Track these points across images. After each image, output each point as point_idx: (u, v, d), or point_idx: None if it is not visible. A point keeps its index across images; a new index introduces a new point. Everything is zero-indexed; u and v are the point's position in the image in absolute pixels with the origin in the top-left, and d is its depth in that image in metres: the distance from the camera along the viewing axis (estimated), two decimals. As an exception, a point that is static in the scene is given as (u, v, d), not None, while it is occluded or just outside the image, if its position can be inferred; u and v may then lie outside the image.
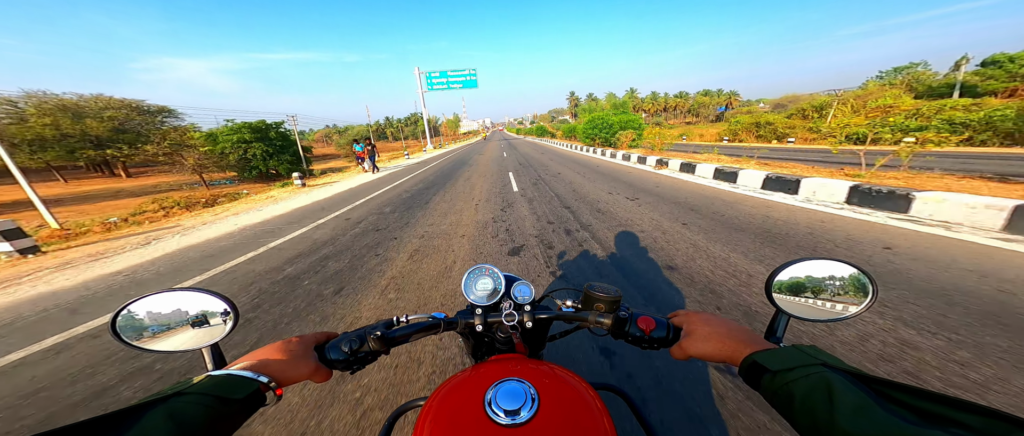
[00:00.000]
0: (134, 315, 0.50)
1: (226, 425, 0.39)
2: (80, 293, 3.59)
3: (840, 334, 1.90)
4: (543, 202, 6.08)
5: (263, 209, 8.11)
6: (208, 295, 0.53)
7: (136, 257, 4.86)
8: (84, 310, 3.14)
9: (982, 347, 1.72)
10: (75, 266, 4.60)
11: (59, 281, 4.04)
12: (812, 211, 4.34)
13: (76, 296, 3.51)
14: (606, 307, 0.66)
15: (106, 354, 2.29)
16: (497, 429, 0.46)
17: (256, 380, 0.44)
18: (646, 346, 0.61)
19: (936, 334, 1.85)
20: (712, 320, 0.55)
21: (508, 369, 0.57)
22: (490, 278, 0.73)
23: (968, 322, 1.92)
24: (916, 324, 1.94)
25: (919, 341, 1.80)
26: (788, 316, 0.55)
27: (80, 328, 2.75)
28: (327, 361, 0.56)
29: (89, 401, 1.87)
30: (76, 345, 2.49)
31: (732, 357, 0.48)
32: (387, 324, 0.63)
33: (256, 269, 3.79)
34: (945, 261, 2.68)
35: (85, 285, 3.83)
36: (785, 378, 0.38)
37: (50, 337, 2.63)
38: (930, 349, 1.74)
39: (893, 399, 0.31)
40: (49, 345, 2.51)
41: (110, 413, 0.32)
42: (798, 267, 0.55)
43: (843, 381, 0.34)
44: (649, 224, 4.28)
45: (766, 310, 2.17)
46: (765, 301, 2.16)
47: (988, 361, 1.63)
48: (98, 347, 2.41)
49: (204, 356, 0.51)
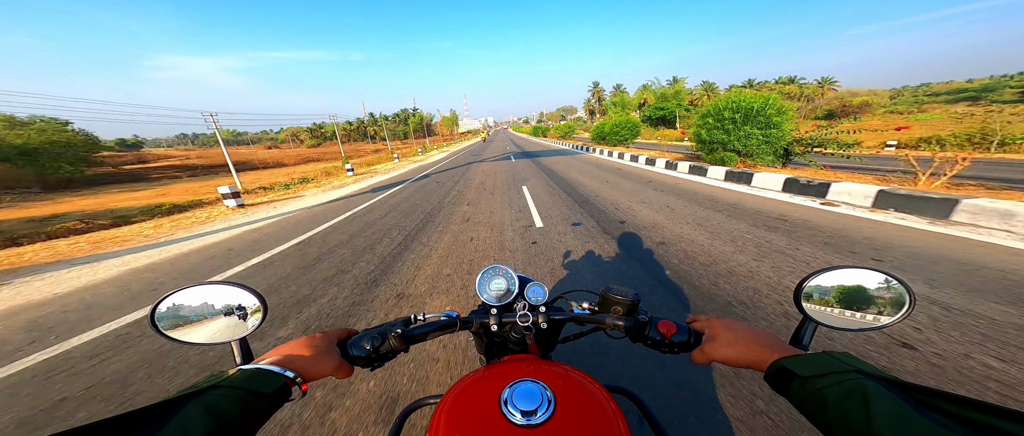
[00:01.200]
0: (170, 307, 0.52)
1: (256, 418, 0.40)
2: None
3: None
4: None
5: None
6: (239, 289, 0.55)
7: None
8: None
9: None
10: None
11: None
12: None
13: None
14: (624, 310, 0.65)
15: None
16: (513, 429, 0.46)
17: (283, 375, 0.45)
18: (666, 350, 0.60)
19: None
20: (735, 326, 0.54)
21: (523, 370, 0.57)
22: (504, 278, 0.73)
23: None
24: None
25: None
26: (816, 324, 0.53)
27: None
28: (349, 357, 0.57)
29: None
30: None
31: (758, 363, 0.47)
32: (405, 322, 0.64)
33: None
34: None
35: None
36: (817, 384, 0.37)
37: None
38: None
39: (933, 407, 0.30)
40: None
41: (149, 406, 0.32)
42: (829, 275, 0.53)
43: (880, 388, 0.33)
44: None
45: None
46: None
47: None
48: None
49: (233, 350, 0.53)
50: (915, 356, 1.76)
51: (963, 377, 1.61)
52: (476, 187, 8.82)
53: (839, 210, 4.51)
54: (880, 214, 4.21)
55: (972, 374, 1.63)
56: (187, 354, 2.22)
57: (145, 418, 0.31)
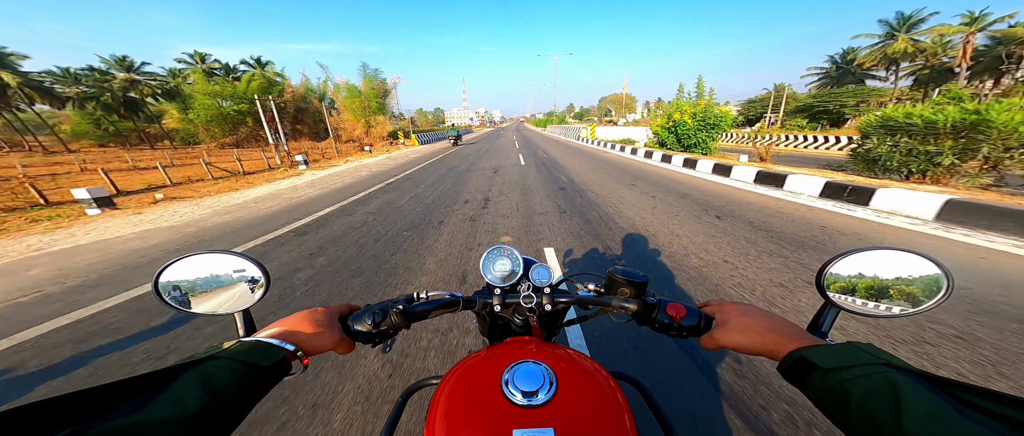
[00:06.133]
0: (175, 275, 0.51)
1: (254, 392, 0.39)
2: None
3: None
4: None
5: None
6: (243, 259, 0.54)
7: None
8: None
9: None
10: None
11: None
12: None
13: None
14: (632, 292, 0.63)
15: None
16: (514, 409, 0.45)
17: (284, 348, 0.44)
18: (674, 334, 0.58)
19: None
20: (750, 311, 0.51)
21: (525, 351, 0.56)
22: (508, 259, 0.72)
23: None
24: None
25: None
26: (838, 310, 0.50)
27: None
28: (351, 333, 0.57)
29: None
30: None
31: (773, 351, 0.44)
32: (408, 299, 0.63)
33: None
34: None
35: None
36: (840, 377, 0.35)
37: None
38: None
39: (971, 404, 0.28)
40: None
41: (145, 374, 0.31)
42: (854, 258, 0.49)
43: (912, 383, 0.30)
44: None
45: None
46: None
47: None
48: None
49: (236, 321, 0.53)
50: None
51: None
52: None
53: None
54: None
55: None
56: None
57: (139, 386, 0.31)
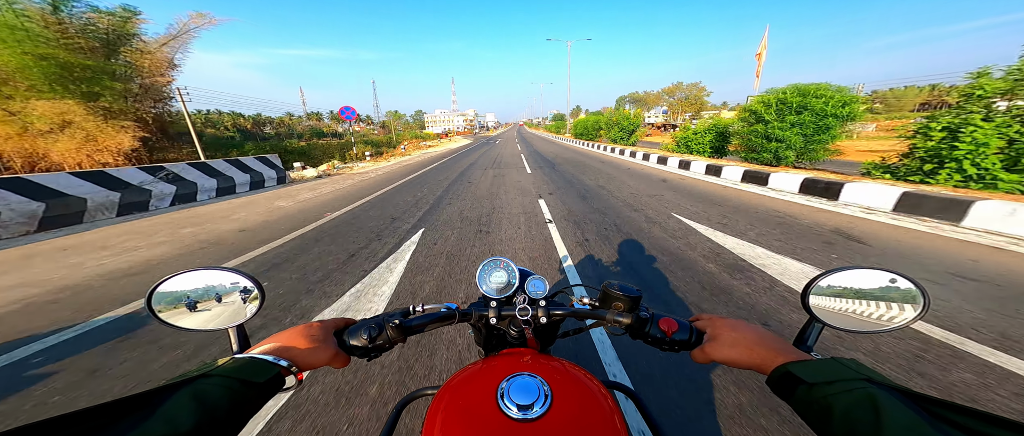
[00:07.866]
0: (168, 291, 0.51)
1: (248, 408, 0.39)
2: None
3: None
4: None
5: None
6: (237, 275, 0.54)
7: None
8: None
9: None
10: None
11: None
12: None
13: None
14: (625, 306, 0.64)
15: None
16: (509, 423, 0.45)
17: (278, 364, 0.44)
18: (666, 348, 0.59)
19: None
20: (739, 325, 0.53)
21: (520, 364, 0.56)
22: (504, 271, 0.72)
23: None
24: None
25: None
26: (822, 325, 0.52)
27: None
28: (346, 347, 0.56)
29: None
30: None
31: (761, 365, 0.46)
32: (404, 313, 0.64)
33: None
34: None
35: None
36: (823, 391, 0.36)
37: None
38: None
39: (947, 420, 0.29)
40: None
41: (138, 394, 0.31)
42: (839, 276, 0.51)
43: (891, 398, 0.32)
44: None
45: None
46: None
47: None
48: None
49: (230, 336, 0.52)
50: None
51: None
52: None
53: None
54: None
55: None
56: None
57: (131, 406, 0.31)
